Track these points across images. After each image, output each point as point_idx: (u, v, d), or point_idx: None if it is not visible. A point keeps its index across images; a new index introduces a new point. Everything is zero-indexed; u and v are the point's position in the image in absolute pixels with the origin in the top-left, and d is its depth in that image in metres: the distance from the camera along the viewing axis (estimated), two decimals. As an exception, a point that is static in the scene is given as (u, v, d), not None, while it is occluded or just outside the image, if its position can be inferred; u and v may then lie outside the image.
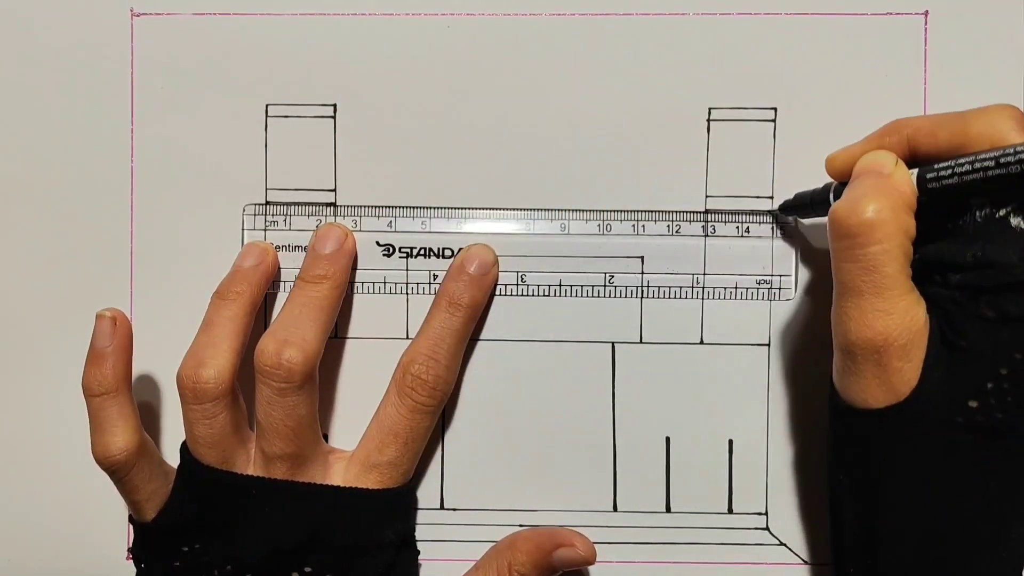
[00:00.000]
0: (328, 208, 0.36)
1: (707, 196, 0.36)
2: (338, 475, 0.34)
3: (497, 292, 0.36)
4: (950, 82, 0.36)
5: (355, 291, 0.36)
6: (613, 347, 0.36)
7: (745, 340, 0.36)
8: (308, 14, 0.36)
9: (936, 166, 0.29)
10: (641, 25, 0.36)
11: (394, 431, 0.34)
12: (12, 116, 0.36)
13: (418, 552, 0.36)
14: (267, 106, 0.36)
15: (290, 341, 0.32)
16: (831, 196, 0.32)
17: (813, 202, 0.33)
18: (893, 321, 0.28)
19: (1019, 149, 0.27)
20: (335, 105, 0.36)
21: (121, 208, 0.36)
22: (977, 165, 0.28)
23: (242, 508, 0.32)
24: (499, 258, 0.36)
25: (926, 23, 0.36)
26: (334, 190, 0.36)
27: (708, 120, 0.36)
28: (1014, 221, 0.28)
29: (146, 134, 0.36)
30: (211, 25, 0.36)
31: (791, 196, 0.35)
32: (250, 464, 0.33)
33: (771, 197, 0.36)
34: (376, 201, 0.36)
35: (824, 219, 0.31)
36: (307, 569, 0.32)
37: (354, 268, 0.36)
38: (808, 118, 0.36)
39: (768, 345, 0.36)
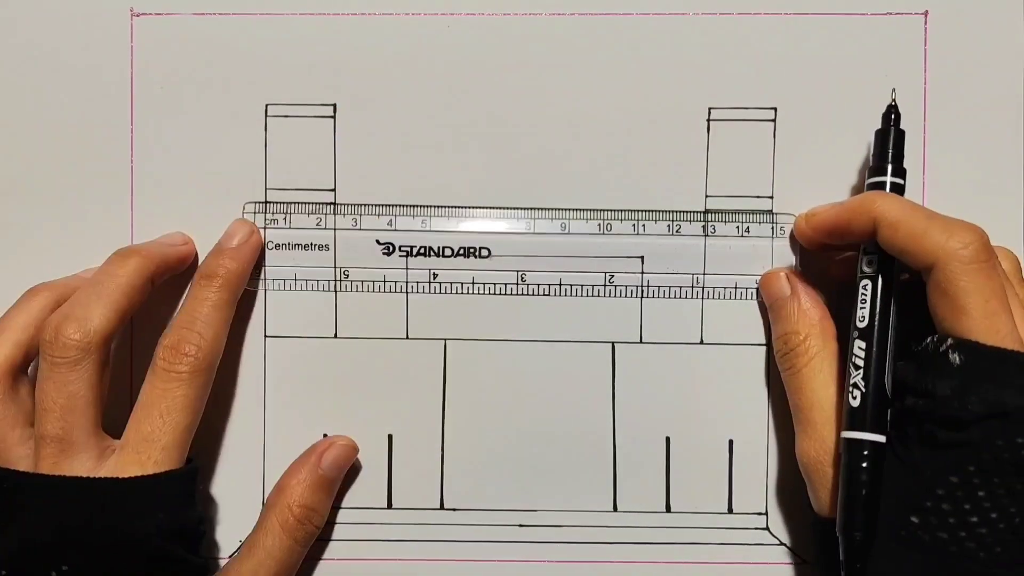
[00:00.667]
0: (328, 207, 0.36)
1: (707, 196, 0.36)
2: (107, 467, 0.31)
3: (497, 292, 0.36)
4: (950, 82, 0.36)
5: (355, 290, 0.36)
6: (613, 347, 0.36)
7: (745, 340, 0.36)
8: (308, 14, 0.36)
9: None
10: (641, 25, 0.36)
11: (148, 403, 0.32)
12: (12, 116, 0.36)
13: (202, 533, 0.33)
14: (267, 106, 0.36)
15: (72, 316, 0.31)
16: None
17: None
18: (831, 439, 0.32)
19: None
20: (335, 105, 0.36)
21: (121, 207, 0.36)
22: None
23: (1, 502, 0.31)
24: (499, 257, 0.36)
25: (926, 23, 0.36)
26: (334, 190, 0.36)
27: (708, 120, 0.36)
28: (952, 356, 0.29)
29: (146, 134, 0.36)
30: (211, 25, 0.36)
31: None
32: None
33: (771, 197, 0.36)
34: (376, 201, 0.36)
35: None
36: (64, 568, 0.30)
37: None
38: (808, 118, 0.36)
39: (768, 345, 0.36)
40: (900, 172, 0.33)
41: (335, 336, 0.36)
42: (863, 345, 0.31)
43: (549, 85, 0.36)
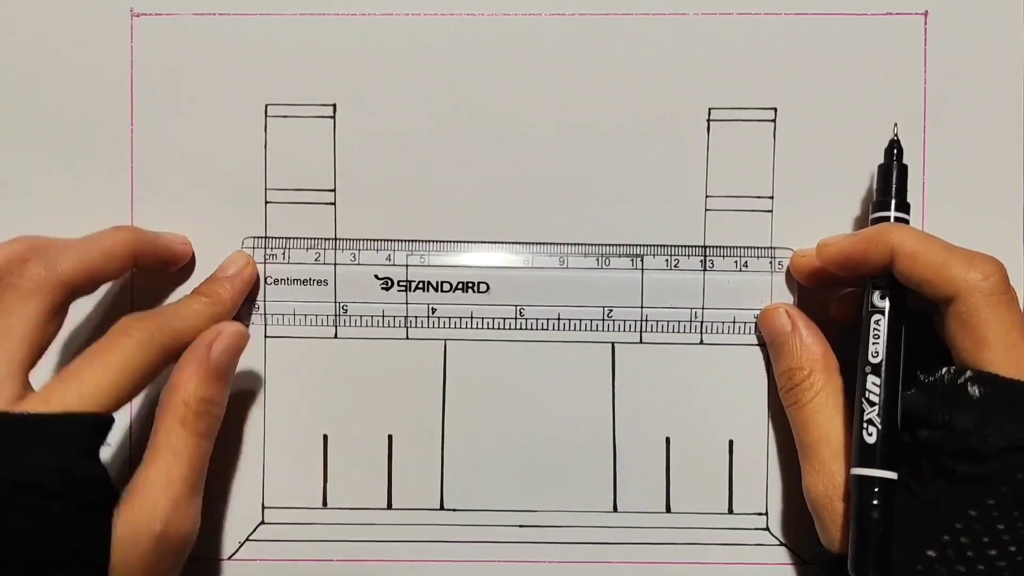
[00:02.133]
0: (327, 241, 0.36)
1: (707, 196, 0.36)
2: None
3: (496, 326, 0.36)
4: (950, 82, 0.36)
5: (353, 324, 0.36)
6: (613, 347, 0.36)
7: (745, 340, 0.36)
8: (308, 14, 0.36)
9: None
10: (641, 25, 0.36)
11: (91, 356, 0.30)
12: (12, 115, 0.36)
13: (106, 492, 0.30)
14: (267, 106, 0.36)
15: (42, 255, 0.31)
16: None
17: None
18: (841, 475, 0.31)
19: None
20: (335, 105, 0.36)
21: (121, 207, 0.36)
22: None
23: None
24: (497, 291, 0.36)
25: (926, 23, 0.36)
26: (334, 190, 0.36)
27: (708, 120, 0.36)
28: (971, 389, 0.29)
29: (146, 134, 0.36)
30: (211, 25, 0.36)
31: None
32: None
33: (771, 197, 0.36)
34: (375, 202, 0.36)
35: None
36: None
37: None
38: (808, 118, 0.36)
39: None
40: (904, 207, 0.33)
41: (335, 336, 0.36)
42: (877, 381, 0.31)
43: (548, 85, 0.36)
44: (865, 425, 0.31)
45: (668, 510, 0.36)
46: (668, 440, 0.36)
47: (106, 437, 0.30)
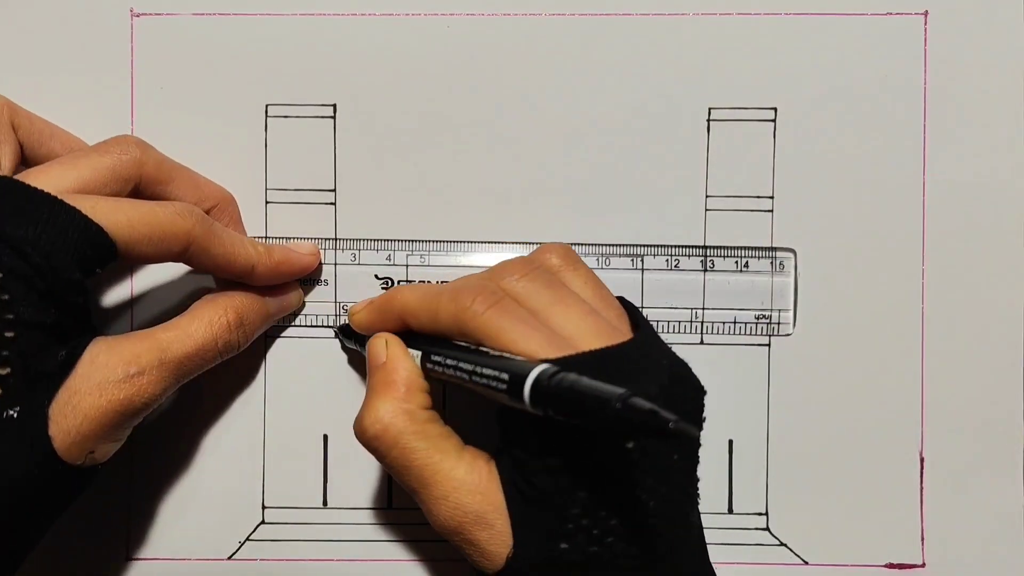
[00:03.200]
0: (327, 241, 0.36)
1: (707, 196, 0.36)
2: None
3: None
4: (950, 82, 0.36)
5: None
6: (613, 347, 0.36)
7: (745, 341, 0.36)
8: (308, 14, 0.36)
9: (432, 357, 0.30)
10: (641, 25, 0.36)
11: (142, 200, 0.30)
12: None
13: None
14: (267, 106, 0.36)
15: (143, 145, 0.32)
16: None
17: (358, 339, 0.34)
18: (452, 503, 0.29)
19: (484, 372, 0.28)
20: (335, 105, 0.36)
21: (121, 208, 0.36)
22: (459, 372, 0.29)
23: None
24: None
25: (926, 23, 0.36)
26: (334, 190, 0.36)
27: (708, 120, 0.36)
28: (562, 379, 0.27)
29: (146, 134, 0.36)
30: (211, 25, 0.36)
31: (344, 323, 0.36)
32: None
33: (771, 197, 0.36)
34: (375, 202, 0.36)
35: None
36: None
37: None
38: (808, 118, 0.36)
39: (768, 345, 0.36)
40: None
41: (336, 336, 0.36)
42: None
43: (549, 85, 0.36)
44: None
45: (668, 510, 0.36)
46: (668, 440, 0.36)
47: (101, 265, 0.29)
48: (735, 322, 0.36)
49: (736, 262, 0.36)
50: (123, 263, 0.33)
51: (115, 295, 0.36)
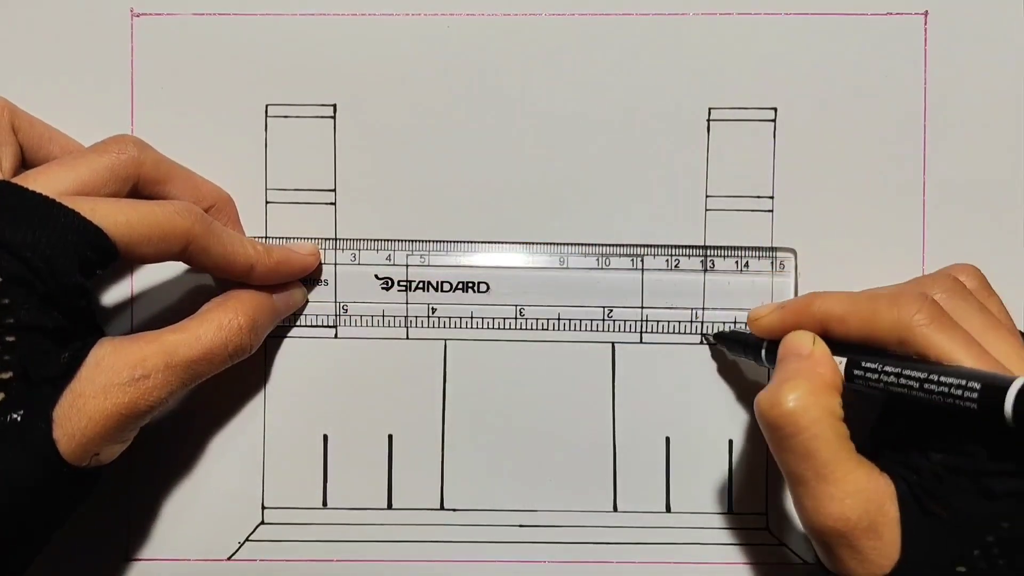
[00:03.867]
0: (328, 241, 0.36)
1: (707, 196, 0.36)
2: None
3: (496, 326, 0.36)
4: (950, 82, 0.36)
5: (353, 324, 0.36)
6: (613, 347, 0.36)
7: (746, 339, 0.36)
8: (308, 14, 0.36)
9: (863, 365, 0.29)
10: (641, 25, 0.36)
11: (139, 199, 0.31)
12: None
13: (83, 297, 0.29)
14: (267, 106, 0.36)
15: (141, 145, 0.32)
16: (762, 355, 0.33)
17: (746, 347, 0.34)
18: (847, 505, 0.28)
19: (943, 381, 0.27)
20: (335, 105, 0.36)
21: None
22: (902, 380, 0.28)
23: None
24: (497, 291, 0.36)
25: (926, 23, 0.36)
26: (334, 190, 0.36)
27: (708, 120, 0.36)
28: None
29: (146, 134, 0.36)
30: (211, 25, 0.36)
31: (727, 330, 0.35)
32: None
33: (771, 197, 0.36)
34: (375, 202, 0.36)
35: (751, 361, 0.33)
36: None
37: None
38: (808, 118, 0.36)
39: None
40: None
41: (335, 336, 0.36)
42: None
43: (548, 85, 0.36)
44: None
45: (668, 510, 0.36)
46: (668, 440, 0.36)
47: (102, 266, 0.29)
48: (735, 322, 0.36)
49: (736, 262, 0.36)
50: (123, 262, 0.33)
51: (115, 294, 0.36)
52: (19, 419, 0.27)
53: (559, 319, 0.36)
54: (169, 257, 0.30)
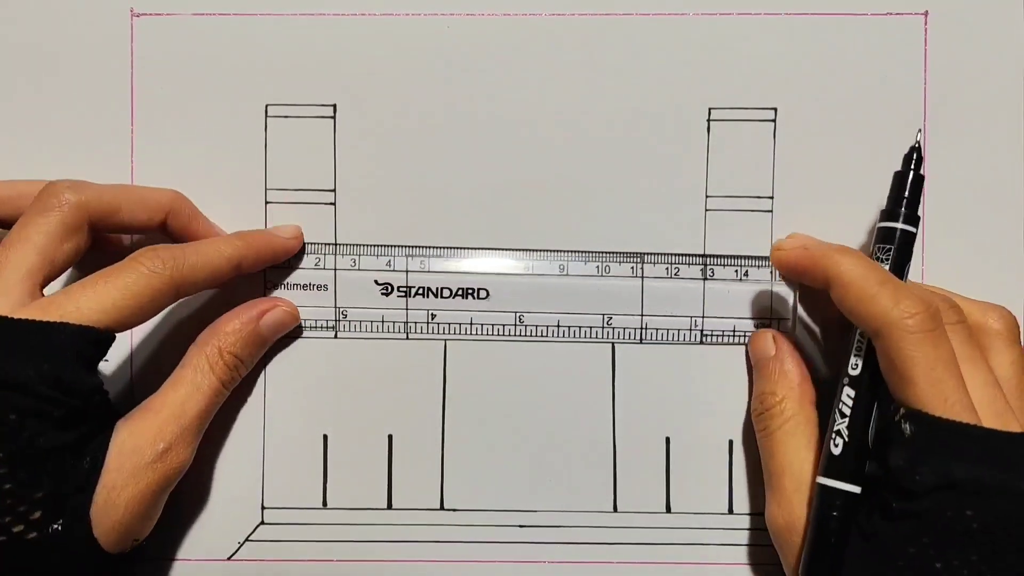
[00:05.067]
0: (327, 247, 0.36)
1: (707, 196, 0.36)
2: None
3: (496, 333, 0.36)
4: (950, 82, 0.36)
5: (353, 330, 0.36)
6: (613, 348, 0.36)
7: (745, 341, 0.36)
8: (308, 14, 0.36)
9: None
10: (641, 26, 0.36)
11: (113, 270, 0.31)
12: (12, 116, 0.36)
13: (100, 404, 0.30)
14: (267, 106, 0.36)
15: (73, 185, 0.32)
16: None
17: None
18: (782, 513, 0.32)
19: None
20: (335, 105, 0.36)
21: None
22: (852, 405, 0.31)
23: None
24: (497, 297, 0.36)
25: (926, 23, 0.36)
26: (334, 190, 0.36)
27: (708, 120, 0.36)
28: (904, 426, 0.29)
29: (146, 134, 0.36)
30: (211, 25, 0.36)
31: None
32: None
33: (771, 197, 0.36)
34: (375, 207, 0.36)
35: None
36: None
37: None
38: (808, 118, 0.36)
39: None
40: (913, 219, 0.33)
41: (335, 337, 0.36)
42: (851, 393, 0.31)
43: (548, 85, 0.36)
44: (834, 436, 0.31)
45: (668, 510, 0.36)
46: (668, 440, 0.36)
47: (104, 353, 0.30)
48: (735, 331, 0.36)
49: (736, 271, 0.36)
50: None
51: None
52: (60, 528, 0.29)
53: (559, 326, 0.36)
54: (165, 307, 0.31)
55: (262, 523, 0.36)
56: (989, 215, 0.36)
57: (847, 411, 0.31)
